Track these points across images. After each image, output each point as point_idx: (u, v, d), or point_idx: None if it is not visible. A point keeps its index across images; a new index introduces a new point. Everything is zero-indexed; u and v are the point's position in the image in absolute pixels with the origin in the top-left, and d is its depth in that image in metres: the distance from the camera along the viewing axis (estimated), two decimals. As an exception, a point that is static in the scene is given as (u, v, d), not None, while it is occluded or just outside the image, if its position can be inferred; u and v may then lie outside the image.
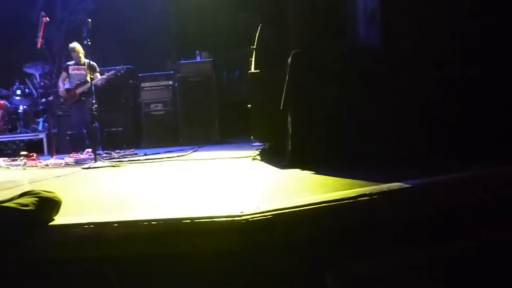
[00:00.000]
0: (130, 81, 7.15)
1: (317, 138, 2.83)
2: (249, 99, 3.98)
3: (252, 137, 3.93)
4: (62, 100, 6.22)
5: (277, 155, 3.34)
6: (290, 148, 2.92)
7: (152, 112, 6.93)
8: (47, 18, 5.29)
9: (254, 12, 5.64)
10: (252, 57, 4.12)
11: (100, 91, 6.19)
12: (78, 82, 6.09)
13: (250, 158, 3.72)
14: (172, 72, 7.10)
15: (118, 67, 6.14)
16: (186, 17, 7.86)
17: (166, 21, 8.12)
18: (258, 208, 1.55)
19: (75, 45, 6.09)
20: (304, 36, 3.22)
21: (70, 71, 6.17)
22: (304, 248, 1.57)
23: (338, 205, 1.60)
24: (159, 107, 6.92)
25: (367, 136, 2.62)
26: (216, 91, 6.75)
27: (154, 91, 6.95)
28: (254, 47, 3.98)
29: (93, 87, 5.29)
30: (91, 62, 5.68)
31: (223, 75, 7.87)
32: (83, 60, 6.03)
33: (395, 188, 1.65)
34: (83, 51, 5.95)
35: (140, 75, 7.21)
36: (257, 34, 3.93)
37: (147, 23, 8.04)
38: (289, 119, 2.97)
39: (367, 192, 1.61)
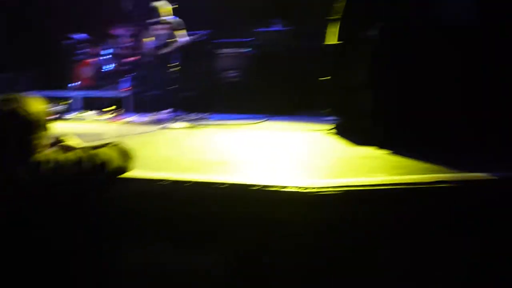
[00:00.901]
0: (208, 47, 7.26)
1: (398, 117, 2.70)
2: (325, 71, 3.87)
3: (326, 110, 3.85)
4: (147, 59, 6.42)
5: (353, 131, 3.24)
6: (368, 125, 2.82)
7: (226, 79, 7.02)
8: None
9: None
10: (330, 28, 3.97)
11: (179, 54, 6.33)
12: (162, 42, 6.20)
13: (324, 132, 3.65)
14: (248, 39, 7.09)
15: (201, 31, 6.16)
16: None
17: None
18: (328, 182, 1.54)
19: (159, 3, 6.17)
20: (390, 7, 3.02)
21: (154, 30, 6.32)
22: (370, 227, 1.53)
23: (413, 189, 1.53)
24: (233, 74, 7.00)
25: (452, 120, 2.44)
26: (292, 61, 6.65)
27: (229, 58, 7.01)
28: (333, 17, 3.82)
29: (177, 47, 5.44)
30: (177, 18, 5.76)
31: (300, 44, 7.71)
32: (167, 19, 6.12)
33: (479, 178, 1.54)
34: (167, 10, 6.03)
35: (216, 41, 7.28)
36: (337, 4, 3.76)
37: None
38: (369, 94, 2.85)
39: (447, 179, 1.52)
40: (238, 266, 1.60)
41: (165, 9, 6.07)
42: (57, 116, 4.53)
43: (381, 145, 2.57)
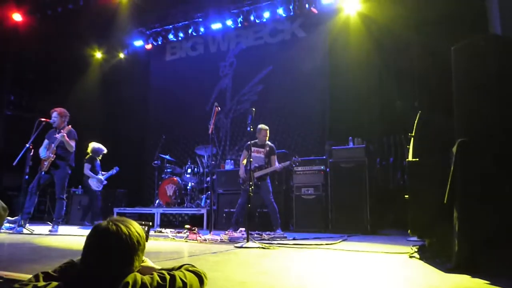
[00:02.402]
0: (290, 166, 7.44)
1: (493, 239, 2.42)
2: (407, 189, 3.70)
3: (409, 231, 3.58)
4: (240, 180, 6.55)
5: (440, 255, 2.95)
6: (456, 248, 2.55)
7: (303, 196, 7.01)
8: (219, 108, 5.98)
9: (411, 98, 5.44)
10: (410, 145, 3.91)
11: (268, 177, 6.51)
12: (256, 165, 6.37)
13: (407, 255, 3.36)
14: (324, 157, 7.19)
15: (294, 158, 6.39)
16: (340, 103, 8.10)
17: (320, 109, 8.48)
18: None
19: (264, 126, 6.55)
20: (472, 123, 2.93)
21: (251, 152, 6.47)
22: None
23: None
24: (310, 192, 6.98)
25: None
26: (368, 178, 6.53)
27: (306, 175, 7.09)
28: (413, 134, 3.78)
29: (270, 171, 6.21)
30: (271, 144, 6.22)
31: (376, 161, 7.64)
32: (267, 141, 6.46)
33: None
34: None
35: (293, 159, 7.48)
36: (416, 121, 3.75)
37: (302, 111, 8.56)
38: (455, 214, 2.63)
39: None
40: None
41: (264, 132, 6.40)
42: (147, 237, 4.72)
43: (472, 273, 2.28)
